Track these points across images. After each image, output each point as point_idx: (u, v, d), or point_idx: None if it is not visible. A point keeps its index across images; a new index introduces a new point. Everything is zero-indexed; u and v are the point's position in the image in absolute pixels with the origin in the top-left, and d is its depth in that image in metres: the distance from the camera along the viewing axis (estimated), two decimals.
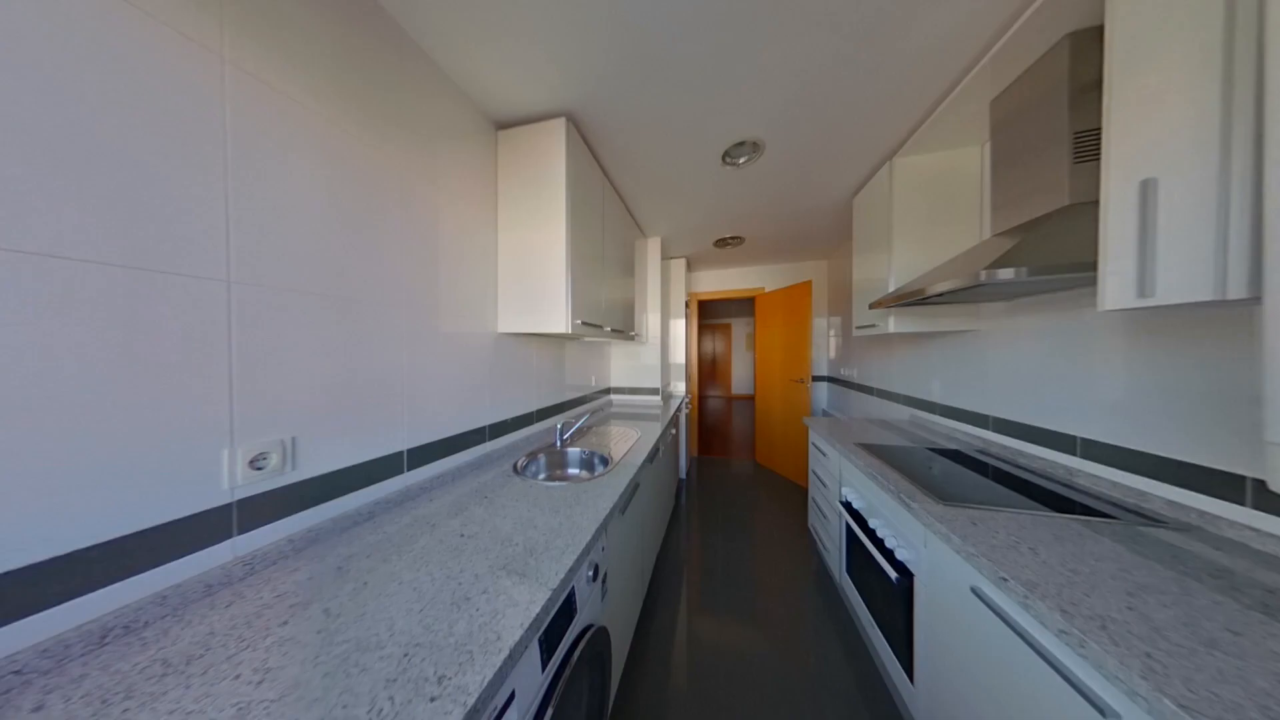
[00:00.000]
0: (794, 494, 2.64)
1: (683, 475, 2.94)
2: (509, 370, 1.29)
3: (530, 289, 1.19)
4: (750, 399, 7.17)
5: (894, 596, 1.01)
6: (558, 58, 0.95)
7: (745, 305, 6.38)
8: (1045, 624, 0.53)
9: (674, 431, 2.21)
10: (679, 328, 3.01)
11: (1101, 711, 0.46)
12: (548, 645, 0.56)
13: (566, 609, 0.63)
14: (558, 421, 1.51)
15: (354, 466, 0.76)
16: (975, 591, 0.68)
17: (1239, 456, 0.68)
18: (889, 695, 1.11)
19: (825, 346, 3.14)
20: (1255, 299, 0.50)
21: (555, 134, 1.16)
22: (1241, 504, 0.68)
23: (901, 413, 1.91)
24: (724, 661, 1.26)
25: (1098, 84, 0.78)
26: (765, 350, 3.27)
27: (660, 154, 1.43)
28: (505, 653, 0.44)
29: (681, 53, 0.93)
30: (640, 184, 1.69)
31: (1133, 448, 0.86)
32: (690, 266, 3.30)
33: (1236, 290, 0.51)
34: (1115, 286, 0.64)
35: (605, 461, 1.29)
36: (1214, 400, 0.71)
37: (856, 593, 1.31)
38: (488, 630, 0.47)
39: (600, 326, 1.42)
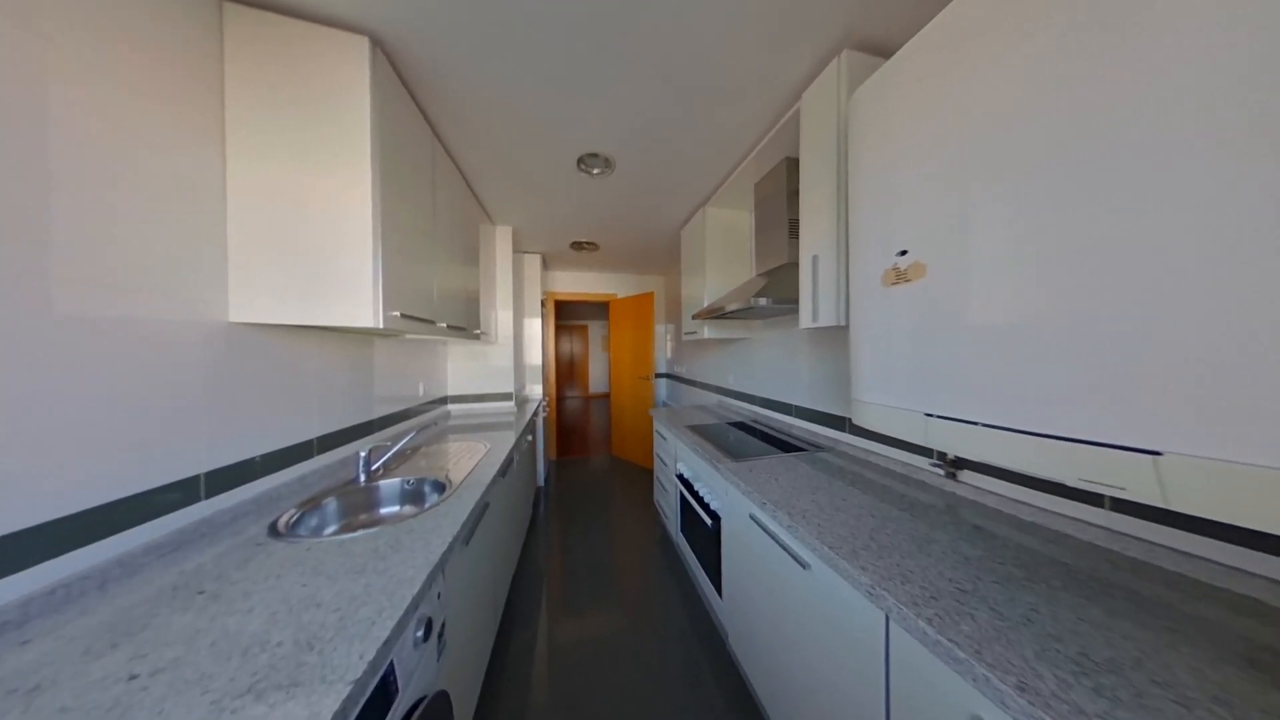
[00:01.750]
0: (643, 477, 3.02)
1: (541, 482, 2.82)
2: (257, 383, 0.86)
3: (306, 262, 0.82)
4: (606, 397, 7.67)
5: (710, 538, 1.34)
6: None
7: (601, 309, 6.79)
8: (779, 521, 0.85)
9: (530, 438, 2.08)
10: (535, 327, 2.86)
11: (803, 564, 0.79)
12: None
13: (381, 696, 0.48)
14: (362, 448, 1.13)
15: None
16: (752, 517, 1.00)
17: (845, 406, 1.31)
18: (708, 616, 1.46)
19: (664, 348, 3.76)
20: (846, 325, 0.98)
21: (351, 52, 0.85)
22: (844, 431, 1.31)
23: (712, 399, 2.54)
24: (585, 653, 1.30)
25: (797, 192, 1.30)
26: (618, 351, 3.59)
27: (514, 140, 1.33)
28: None
29: (539, 40, 0.90)
30: (488, 163, 1.50)
31: (811, 408, 1.48)
32: (546, 264, 3.20)
33: (843, 320, 0.98)
34: (804, 315, 1.10)
35: (441, 487, 1.08)
36: (839, 378, 1.34)
37: (688, 546, 1.64)
38: None
39: (430, 322, 1.17)
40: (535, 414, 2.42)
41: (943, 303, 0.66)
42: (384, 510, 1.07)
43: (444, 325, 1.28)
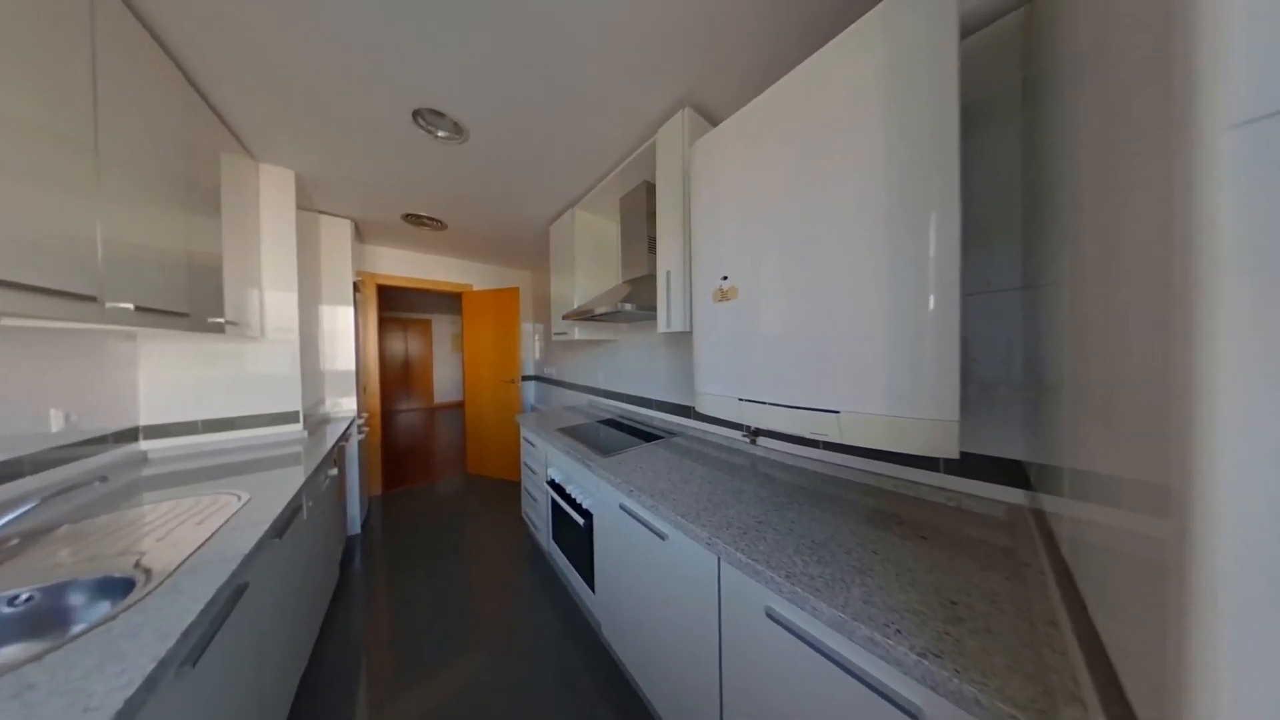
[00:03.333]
0: (509, 492, 2.74)
1: (356, 529, 2.11)
2: None
3: None
4: (459, 406, 6.53)
5: (583, 537, 1.35)
6: None
7: (451, 301, 5.68)
8: (643, 504, 0.96)
9: (334, 473, 1.52)
10: (344, 318, 2.12)
11: (662, 536, 0.91)
12: None
13: None
14: None
15: None
16: (621, 506, 1.08)
17: (691, 397, 1.60)
18: (582, 615, 1.48)
19: (532, 348, 3.54)
20: (690, 331, 1.20)
21: None
22: (690, 418, 1.61)
23: (583, 399, 2.58)
24: (447, 700, 1.07)
25: (655, 213, 1.49)
26: (475, 351, 3.12)
27: (302, 48, 0.94)
28: None
29: None
30: (246, 66, 1.01)
31: (668, 400, 1.74)
32: (363, 235, 2.43)
33: (689, 326, 1.20)
34: (661, 321, 1.28)
35: (125, 586, 0.64)
36: (687, 374, 1.62)
37: (560, 552, 1.61)
38: None
39: (82, 298, 0.71)
40: (345, 438, 1.79)
41: (747, 318, 0.91)
42: None
43: (122, 306, 0.78)
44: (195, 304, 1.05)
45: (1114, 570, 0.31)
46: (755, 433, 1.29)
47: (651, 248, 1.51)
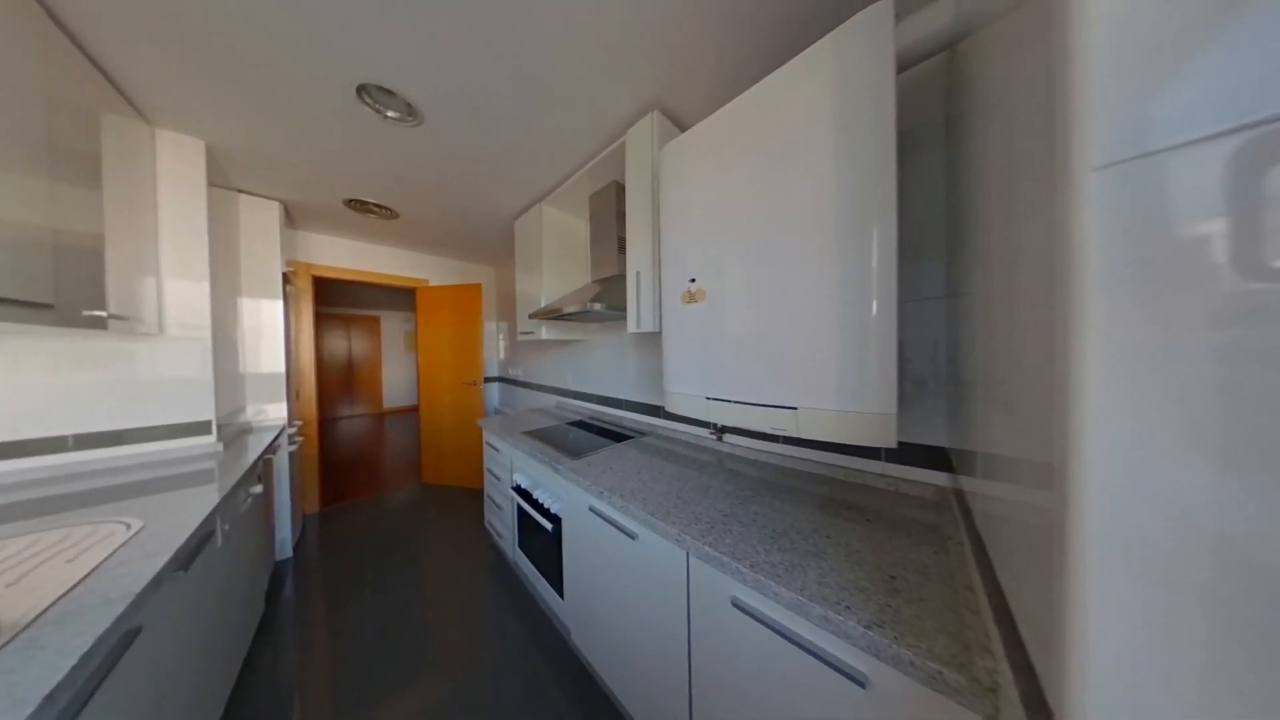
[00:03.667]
0: (470, 501, 2.59)
1: (287, 553, 1.87)
2: None
3: None
4: (413, 410, 6.04)
5: (551, 542, 1.32)
6: None
7: (403, 296, 5.22)
8: (613, 505, 0.96)
9: (256, 491, 1.32)
10: (272, 314, 1.87)
11: (632, 536, 0.92)
12: None
13: None
14: None
15: None
16: (591, 508, 1.07)
17: (661, 397, 1.63)
18: (550, 623, 1.44)
19: (496, 348, 3.37)
20: (660, 331, 1.22)
21: None
22: (660, 418, 1.63)
23: (551, 400, 2.51)
24: None
25: (624, 213, 1.49)
26: (432, 352, 2.91)
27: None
28: None
29: None
30: (139, 8, 0.85)
31: (638, 400, 1.75)
32: (295, 220, 2.16)
33: (658, 327, 1.21)
34: (631, 321, 1.28)
35: None
36: (657, 374, 1.64)
37: (527, 559, 1.55)
38: None
39: None
40: (272, 450, 1.59)
41: (714, 320, 0.94)
42: None
43: None
44: (64, 293, 0.86)
45: (1014, 537, 0.37)
46: (722, 430, 1.34)
47: (621, 248, 1.51)
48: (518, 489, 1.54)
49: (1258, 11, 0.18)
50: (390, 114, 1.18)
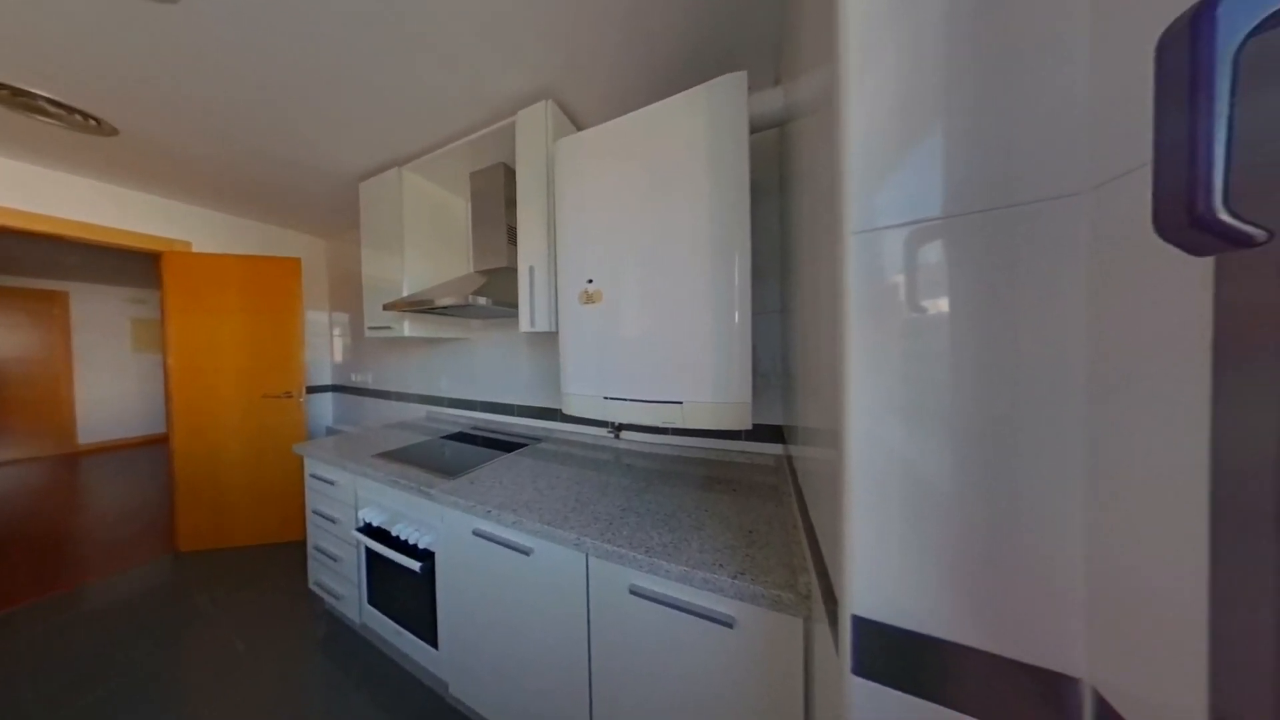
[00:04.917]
0: (278, 560, 1.88)
1: None
2: None
3: None
4: (153, 443, 3.96)
5: (418, 586, 1.09)
6: None
7: (133, 264, 3.25)
8: (503, 523, 0.87)
9: None
10: None
11: (526, 552, 0.85)
12: None
13: None
14: None
15: None
16: (475, 531, 0.94)
17: (557, 400, 1.57)
18: (418, 683, 1.19)
19: (328, 348, 2.56)
20: (556, 331, 1.18)
21: None
22: (556, 421, 1.57)
23: (419, 411, 2.07)
24: None
25: (514, 201, 1.37)
26: (198, 352, 1.97)
27: None
28: None
29: None
30: None
31: (532, 404, 1.64)
32: None
33: (554, 327, 1.16)
34: (524, 320, 1.18)
35: None
36: (552, 375, 1.57)
37: (382, 616, 1.24)
38: None
39: None
40: None
41: (611, 321, 0.97)
42: None
43: None
44: None
45: (818, 484, 0.52)
46: (619, 428, 1.39)
47: (512, 238, 1.38)
48: (366, 528, 1.21)
49: (918, 152, 0.31)
50: None
